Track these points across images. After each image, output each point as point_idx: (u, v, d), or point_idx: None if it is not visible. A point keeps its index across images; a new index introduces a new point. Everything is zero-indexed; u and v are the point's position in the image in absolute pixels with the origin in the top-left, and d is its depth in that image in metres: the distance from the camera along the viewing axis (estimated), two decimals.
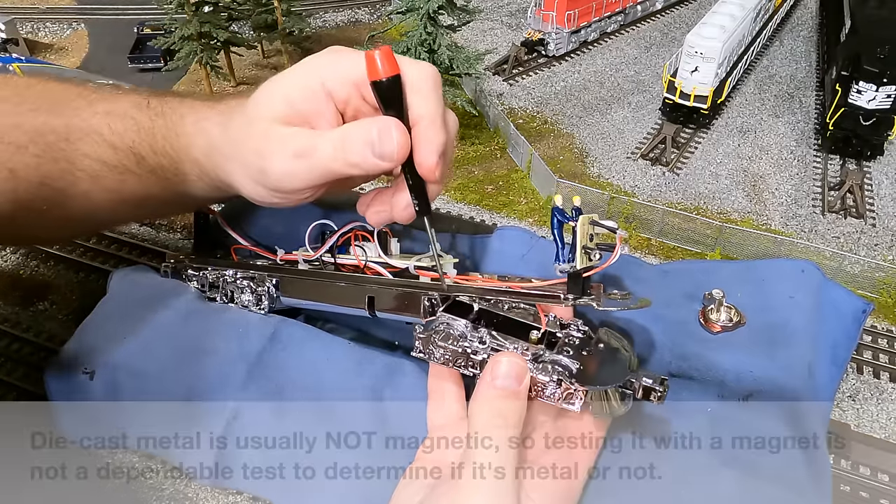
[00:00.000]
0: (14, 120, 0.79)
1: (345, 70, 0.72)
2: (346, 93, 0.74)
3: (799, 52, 10.15)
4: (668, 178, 7.77)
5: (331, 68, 0.73)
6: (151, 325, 0.94)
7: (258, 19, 9.18)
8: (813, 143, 8.11)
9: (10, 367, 3.39)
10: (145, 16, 10.54)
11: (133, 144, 0.81)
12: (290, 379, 0.88)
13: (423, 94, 0.72)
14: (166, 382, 0.87)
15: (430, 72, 0.75)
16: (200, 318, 0.96)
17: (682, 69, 7.64)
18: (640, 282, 0.97)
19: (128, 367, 0.89)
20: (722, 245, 6.60)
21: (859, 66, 7.00)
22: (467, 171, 8.23)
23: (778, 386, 0.82)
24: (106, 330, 0.95)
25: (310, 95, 0.73)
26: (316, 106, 0.74)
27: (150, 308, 0.96)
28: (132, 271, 1.09)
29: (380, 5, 11.85)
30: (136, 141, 0.81)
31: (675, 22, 11.21)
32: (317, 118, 0.74)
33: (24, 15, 10.68)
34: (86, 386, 0.88)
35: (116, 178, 0.82)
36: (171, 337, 0.93)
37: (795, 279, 0.94)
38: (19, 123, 0.79)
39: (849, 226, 6.99)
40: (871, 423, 5.04)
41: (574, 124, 8.65)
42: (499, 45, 10.43)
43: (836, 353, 0.90)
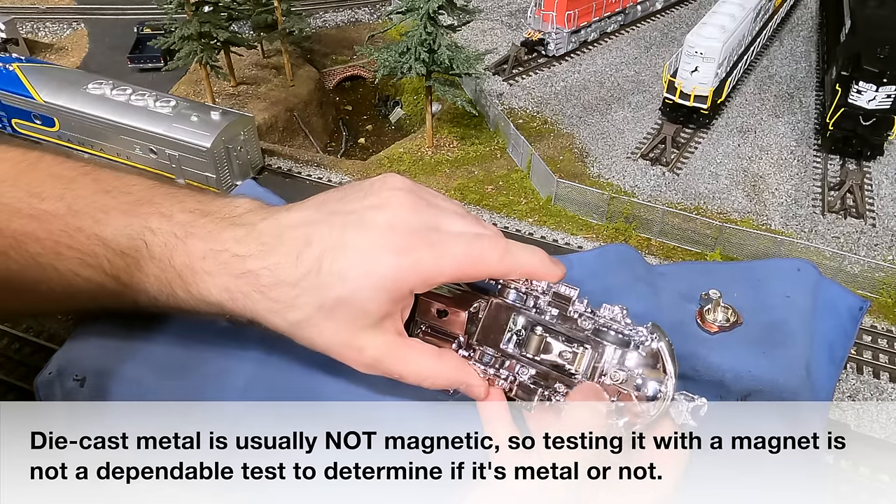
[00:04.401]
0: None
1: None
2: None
3: (799, 52, 10.16)
4: (668, 178, 7.78)
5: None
6: (146, 331, 0.94)
7: (258, 19, 9.19)
8: (813, 143, 8.12)
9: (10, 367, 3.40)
10: (145, 16, 10.56)
11: (133, 282, 0.80)
12: (290, 381, 0.88)
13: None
14: (162, 389, 0.87)
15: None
16: (198, 325, 0.96)
17: (682, 69, 7.65)
18: (638, 281, 0.97)
19: (120, 374, 0.88)
20: (722, 245, 6.61)
21: (859, 66, 7.01)
22: (467, 171, 8.23)
23: (776, 385, 0.83)
24: (99, 338, 0.94)
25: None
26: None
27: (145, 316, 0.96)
28: None
29: (380, 5, 11.85)
30: (137, 278, 0.80)
31: (675, 22, 11.22)
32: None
33: (24, 15, 10.68)
34: (75, 393, 0.88)
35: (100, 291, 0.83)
36: (166, 344, 0.93)
37: (791, 278, 0.94)
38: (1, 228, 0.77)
39: (849, 226, 7.00)
40: (871, 423, 5.05)
41: (574, 124, 8.67)
42: (499, 45, 10.45)
43: (833, 352, 0.90)
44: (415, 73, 7.16)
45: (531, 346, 0.79)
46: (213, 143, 6.85)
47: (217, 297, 0.77)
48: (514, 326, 0.80)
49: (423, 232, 0.76)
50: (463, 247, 0.76)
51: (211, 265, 0.77)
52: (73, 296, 0.82)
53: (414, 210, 0.77)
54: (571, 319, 0.78)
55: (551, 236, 6.66)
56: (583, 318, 0.78)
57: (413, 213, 0.77)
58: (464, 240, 0.76)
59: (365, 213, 0.77)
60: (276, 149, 8.25)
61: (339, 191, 0.82)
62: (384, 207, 0.77)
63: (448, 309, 0.86)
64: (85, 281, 0.80)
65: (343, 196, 0.80)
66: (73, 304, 0.87)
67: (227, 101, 9.00)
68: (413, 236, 0.75)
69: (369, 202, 0.78)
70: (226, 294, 0.77)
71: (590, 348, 0.75)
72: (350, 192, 0.81)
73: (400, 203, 0.78)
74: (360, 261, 0.74)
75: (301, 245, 0.76)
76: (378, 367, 0.79)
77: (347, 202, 0.79)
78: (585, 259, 1.02)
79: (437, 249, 0.74)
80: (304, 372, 0.89)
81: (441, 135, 8.47)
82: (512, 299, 0.80)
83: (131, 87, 7.42)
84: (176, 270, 0.78)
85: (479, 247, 0.76)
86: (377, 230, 0.75)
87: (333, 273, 0.74)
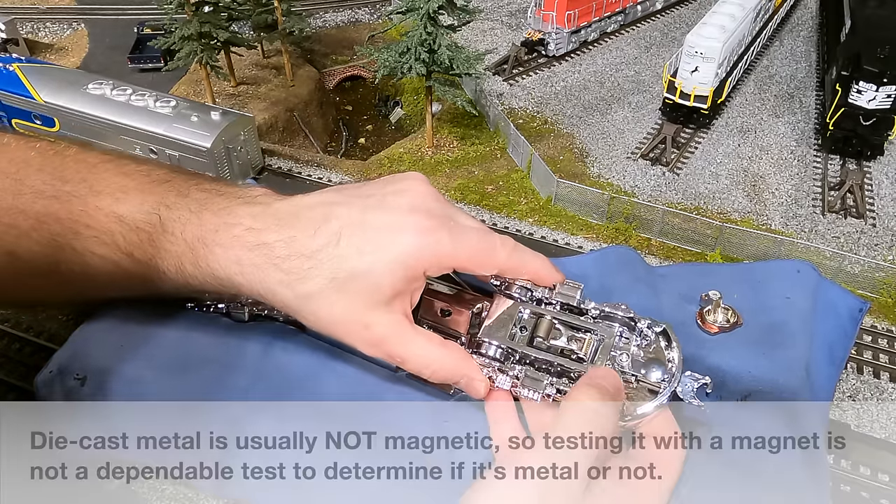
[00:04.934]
0: (15, 202, 0.79)
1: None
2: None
3: (799, 52, 10.15)
4: (668, 178, 7.77)
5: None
6: (147, 331, 0.94)
7: (258, 19, 9.19)
8: (813, 143, 8.11)
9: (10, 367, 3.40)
10: (145, 16, 10.55)
11: (145, 258, 0.81)
12: (291, 383, 0.88)
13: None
14: (163, 389, 0.87)
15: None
16: (198, 325, 0.95)
17: (682, 69, 7.64)
18: (639, 282, 0.97)
19: (121, 373, 0.89)
20: (722, 245, 6.60)
21: (859, 66, 7.00)
22: (467, 171, 8.23)
23: (776, 386, 0.83)
24: (100, 337, 0.94)
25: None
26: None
27: (147, 316, 0.95)
28: None
29: (380, 5, 11.85)
30: (149, 254, 0.81)
31: (675, 22, 11.22)
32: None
33: (24, 15, 10.68)
34: (76, 392, 0.88)
35: (117, 270, 0.83)
36: (168, 344, 0.93)
37: (791, 279, 0.94)
38: (22, 208, 0.79)
39: (849, 226, 6.99)
40: (871, 423, 5.04)
41: (574, 124, 8.66)
42: (499, 45, 10.44)
43: (833, 353, 0.91)
44: (415, 74, 7.16)
45: (540, 330, 0.79)
46: (214, 143, 6.85)
47: (226, 270, 0.78)
48: (521, 318, 0.81)
49: (443, 217, 0.78)
50: (478, 237, 0.79)
51: (224, 237, 0.78)
52: (90, 276, 0.83)
53: (434, 199, 0.80)
54: (577, 309, 0.79)
55: (551, 236, 6.67)
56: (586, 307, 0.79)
57: (433, 200, 0.80)
58: (478, 232, 0.79)
59: (386, 197, 0.79)
60: (277, 149, 8.25)
61: (356, 184, 0.84)
62: (406, 193, 0.80)
63: (451, 308, 0.86)
64: (101, 259, 0.82)
65: (361, 186, 0.83)
66: (88, 287, 0.88)
67: (227, 101, 9.00)
68: (434, 219, 0.77)
69: (390, 189, 0.80)
70: (236, 267, 0.77)
71: (597, 334, 0.76)
72: (369, 184, 0.84)
73: (420, 191, 0.80)
74: (380, 237, 0.75)
75: (320, 221, 0.77)
76: (382, 346, 0.79)
77: (367, 189, 0.82)
78: (586, 261, 1.03)
79: (455, 234, 0.77)
80: (304, 372, 0.89)
81: (441, 135, 8.47)
82: (516, 293, 0.81)
83: (131, 88, 7.41)
84: (188, 243, 0.79)
85: (491, 240, 0.79)
86: (399, 211, 0.77)
87: (352, 245, 0.75)
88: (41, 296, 0.91)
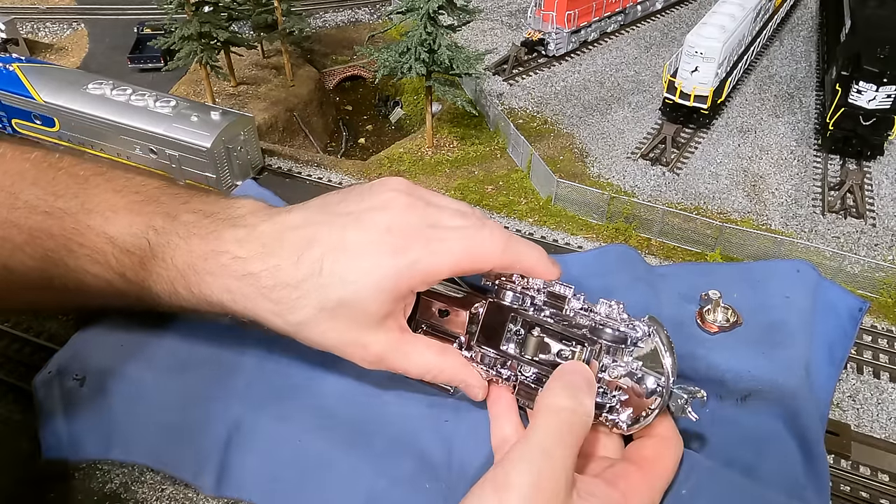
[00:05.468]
0: (10, 216, 0.79)
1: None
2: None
3: (799, 52, 10.15)
4: (668, 178, 7.77)
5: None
6: (146, 331, 0.94)
7: (258, 19, 9.19)
8: (813, 143, 8.11)
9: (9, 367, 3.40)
10: (145, 16, 10.56)
11: (138, 280, 0.81)
12: (291, 383, 0.88)
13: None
14: (163, 390, 0.87)
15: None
16: (198, 325, 0.95)
17: (682, 69, 7.64)
18: (638, 281, 0.97)
19: (120, 373, 0.89)
20: (722, 245, 6.60)
21: (859, 66, 7.00)
22: (467, 171, 8.23)
23: (776, 386, 0.83)
24: (100, 338, 0.94)
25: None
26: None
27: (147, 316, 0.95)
28: None
29: (380, 5, 11.85)
30: (142, 276, 0.80)
31: (675, 22, 11.22)
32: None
33: (24, 15, 10.69)
34: (75, 392, 0.88)
35: (110, 288, 0.84)
36: (167, 343, 0.93)
37: (791, 279, 0.94)
38: (16, 222, 0.79)
39: (849, 226, 7.00)
40: (871, 423, 5.04)
41: (574, 124, 8.66)
42: (499, 45, 10.44)
43: (833, 352, 0.91)
44: (415, 74, 7.17)
45: (529, 347, 0.79)
46: (214, 143, 6.85)
47: (219, 297, 0.78)
48: (513, 327, 0.80)
49: (419, 231, 0.76)
50: (461, 242, 0.77)
51: (213, 266, 0.77)
52: (84, 292, 0.83)
53: (411, 210, 0.78)
54: (568, 318, 0.78)
55: (551, 236, 6.67)
56: (579, 315, 0.78)
57: (410, 213, 0.78)
58: (461, 234, 0.77)
59: (363, 214, 0.78)
60: (276, 149, 8.25)
61: (340, 193, 0.83)
62: (382, 209, 0.78)
63: (449, 309, 0.86)
64: (94, 277, 0.81)
65: (343, 198, 0.81)
66: (83, 301, 0.88)
67: (227, 101, 9.01)
68: (409, 237, 0.75)
69: (367, 204, 0.79)
70: (227, 295, 0.77)
71: (587, 346, 0.75)
72: (350, 195, 0.82)
73: (397, 204, 0.78)
74: (360, 262, 0.75)
75: (302, 246, 0.76)
76: (383, 363, 0.80)
77: (347, 204, 0.80)
78: (586, 259, 1.03)
79: (433, 247, 0.75)
80: (304, 372, 0.89)
81: (441, 135, 8.47)
82: (509, 300, 0.80)
83: (131, 88, 7.41)
84: (178, 269, 0.79)
85: (478, 239, 0.77)
86: (375, 231, 0.76)
87: (335, 274, 0.74)
88: (37, 306, 0.91)
